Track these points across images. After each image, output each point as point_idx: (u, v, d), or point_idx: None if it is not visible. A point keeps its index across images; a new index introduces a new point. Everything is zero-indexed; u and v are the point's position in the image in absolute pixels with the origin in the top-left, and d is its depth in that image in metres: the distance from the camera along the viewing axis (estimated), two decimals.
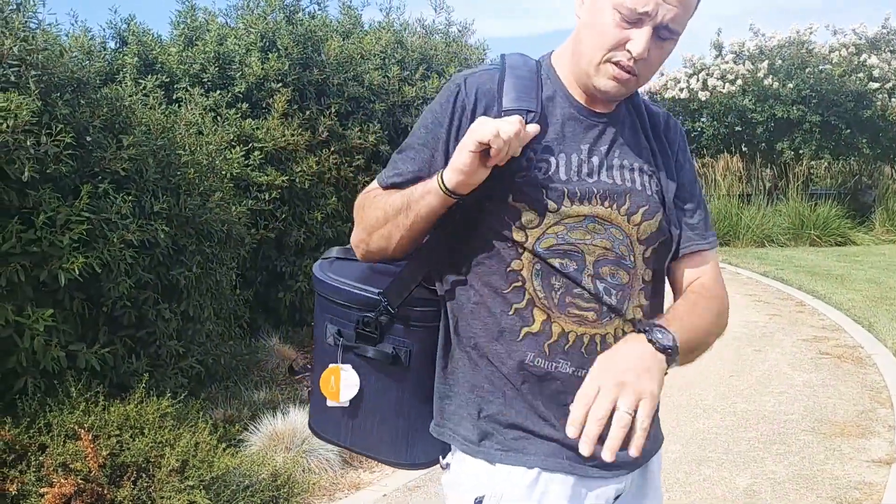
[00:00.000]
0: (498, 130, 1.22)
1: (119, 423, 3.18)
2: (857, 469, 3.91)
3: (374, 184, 1.48)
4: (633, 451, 1.16)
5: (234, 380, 4.56)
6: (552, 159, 1.39)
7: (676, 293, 1.52)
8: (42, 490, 2.82)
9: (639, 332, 1.29)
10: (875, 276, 9.31)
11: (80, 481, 2.88)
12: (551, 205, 1.36)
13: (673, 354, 1.27)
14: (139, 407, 3.32)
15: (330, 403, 1.51)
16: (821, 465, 3.96)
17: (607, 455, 1.15)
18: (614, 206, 1.40)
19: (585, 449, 1.16)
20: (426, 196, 1.34)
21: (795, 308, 7.86)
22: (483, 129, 1.23)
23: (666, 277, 1.53)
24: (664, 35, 1.34)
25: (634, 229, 1.41)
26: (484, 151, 1.25)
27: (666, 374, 1.27)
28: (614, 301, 1.39)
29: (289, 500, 3.50)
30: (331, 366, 1.51)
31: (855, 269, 9.93)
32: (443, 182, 1.31)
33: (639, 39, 1.32)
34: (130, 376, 3.69)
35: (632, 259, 1.41)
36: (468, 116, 1.39)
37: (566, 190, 1.37)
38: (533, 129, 1.31)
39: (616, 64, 1.35)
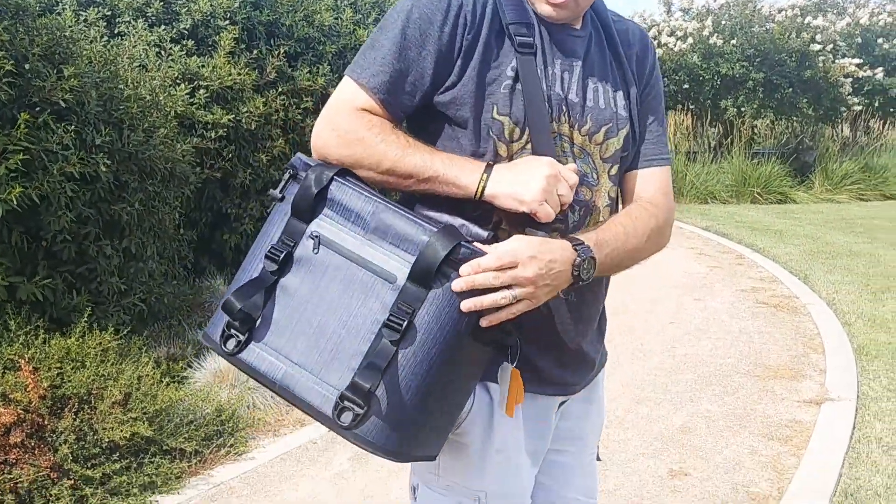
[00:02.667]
0: (570, 198, 1.31)
1: (60, 357, 3.15)
2: (789, 408, 4.06)
3: (355, 91, 1.36)
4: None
5: (178, 319, 4.52)
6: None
7: (626, 202, 1.54)
8: None
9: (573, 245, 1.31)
10: (812, 231, 9.56)
11: (21, 411, 2.85)
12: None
13: (580, 279, 1.31)
14: (81, 341, 3.29)
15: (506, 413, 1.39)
16: (754, 405, 4.10)
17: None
18: (577, 125, 1.41)
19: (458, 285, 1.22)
20: (452, 185, 1.31)
21: (735, 261, 8.04)
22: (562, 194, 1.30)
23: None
24: None
25: (597, 148, 1.43)
26: None
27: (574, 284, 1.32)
28: (577, 217, 1.41)
29: (233, 434, 3.51)
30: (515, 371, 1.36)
31: (794, 225, 10.18)
32: (482, 192, 1.30)
33: None
34: (71, 312, 3.64)
35: (595, 177, 1.43)
36: (466, 18, 1.34)
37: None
38: (575, 178, 1.33)
39: None
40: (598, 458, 1.67)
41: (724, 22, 13.61)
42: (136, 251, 4.08)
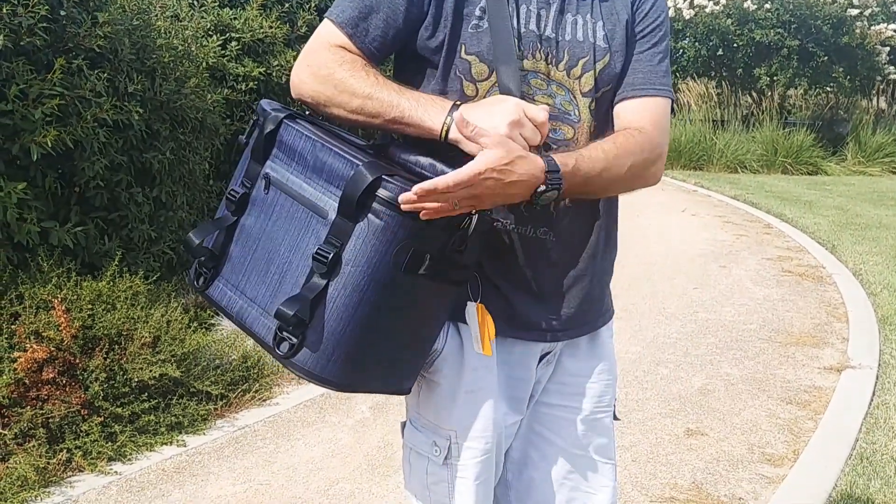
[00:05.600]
0: (540, 138, 1.27)
1: (91, 299, 3.22)
2: (809, 374, 4.07)
3: (329, 28, 1.37)
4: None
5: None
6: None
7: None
8: (15, 355, 2.87)
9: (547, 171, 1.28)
10: (842, 203, 9.45)
11: (53, 349, 2.93)
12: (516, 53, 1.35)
13: (535, 204, 1.29)
14: (112, 284, 3.36)
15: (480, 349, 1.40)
16: (774, 370, 4.11)
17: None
18: (553, 61, 1.39)
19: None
20: (417, 127, 1.30)
21: (763, 230, 7.99)
22: (526, 135, 1.25)
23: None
24: None
25: (576, 83, 1.41)
26: None
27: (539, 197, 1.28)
28: None
29: (258, 380, 3.59)
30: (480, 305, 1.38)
31: (824, 196, 10.07)
32: (447, 134, 1.28)
33: None
34: (102, 257, 3.72)
35: (576, 113, 1.41)
36: None
37: (516, 41, 1.36)
38: (543, 115, 1.28)
39: None
40: (616, 418, 1.64)
41: None
42: (167, 200, 4.15)
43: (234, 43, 4.87)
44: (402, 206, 1.19)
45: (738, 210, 9.11)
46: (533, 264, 1.43)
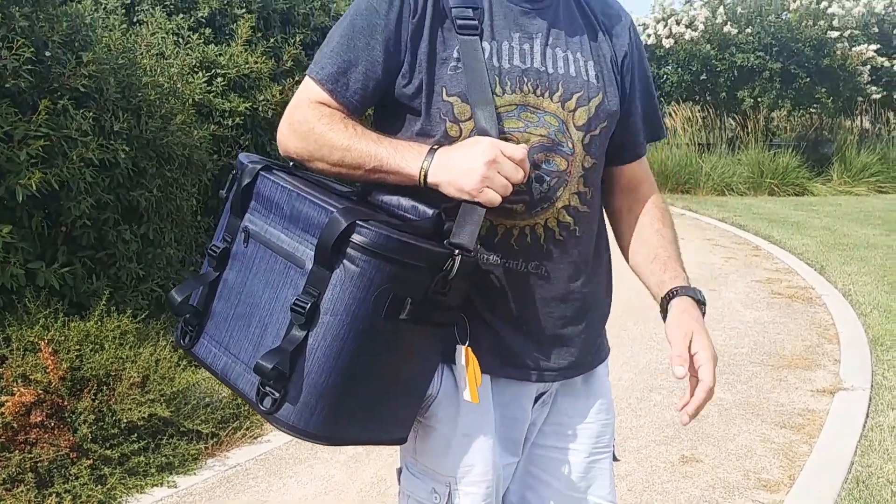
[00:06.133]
0: (522, 175, 1.29)
1: (79, 339, 3.20)
2: (802, 397, 4.06)
3: (309, 86, 1.40)
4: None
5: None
6: (486, 46, 1.38)
7: (615, 193, 1.59)
8: (2, 399, 2.84)
9: (693, 298, 1.44)
10: (830, 223, 9.51)
11: (41, 392, 2.90)
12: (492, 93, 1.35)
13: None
14: (99, 324, 3.34)
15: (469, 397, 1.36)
16: (767, 394, 4.10)
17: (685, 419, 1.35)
18: (546, 93, 1.40)
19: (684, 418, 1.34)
20: (397, 174, 1.31)
21: (751, 252, 8.02)
22: (511, 176, 1.27)
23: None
24: None
25: (570, 115, 1.41)
26: None
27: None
28: (546, 188, 1.39)
29: (249, 417, 3.56)
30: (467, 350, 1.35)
31: (811, 217, 10.13)
32: (425, 179, 1.29)
33: None
34: (90, 297, 3.69)
35: (570, 146, 1.41)
36: (409, 4, 1.36)
37: (497, 79, 1.37)
38: (521, 153, 1.30)
39: None
40: (616, 458, 1.62)
41: (739, 10, 13.51)
42: (154, 237, 4.13)
43: (219, 79, 4.88)
44: None
45: (726, 233, 9.15)
46: (525, 300, 1.42)
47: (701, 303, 1.43)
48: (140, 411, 3.05)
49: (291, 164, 1.44)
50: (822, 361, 4.63)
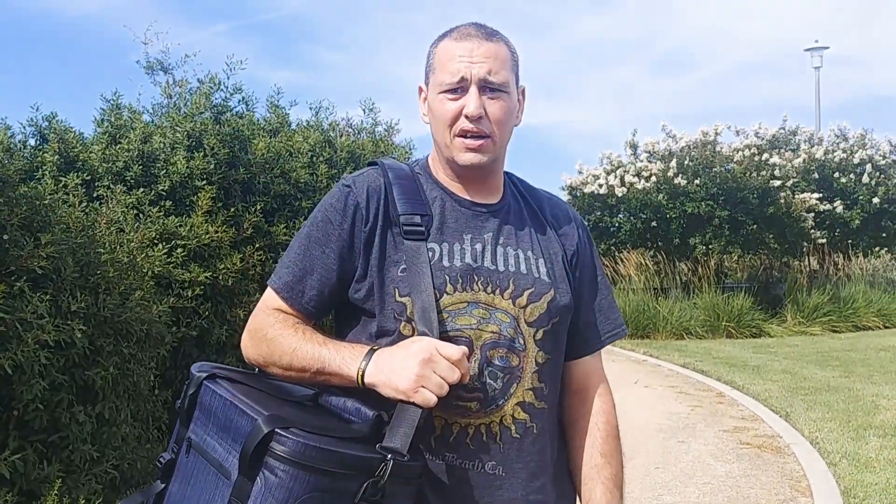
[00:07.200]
0: (458, 375, 1.29)
1: None
2: None
3: (269, 294, 1.47)
4: None
5: (150, 484, 4.37)
6: (436, 247, 1.43)
7: (564, 394, 1.59)
8: None
9: None
10: (789, 366, 9.60)
11: None
12: (434, 294, 1.38)
13: None
14: None
15: None
16: None
17: None
18: (497, 290, 1.43)
19: None
20: (338, 376, 1.34)
21: (716, 399, 8.02)
22: (446, 381, 1.28)
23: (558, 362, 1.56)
24: (493, 88, 1.44)
25: (521, 311, 1.44)
26: None
27: None
28: (499, 385, 1.40)
29: None
30: None
31: (770, 359, 10.22)
32: (363, 380, 1.31)
33: (469, 101, 1.42)
34: (41, 483, 3.51)
35: (521, 342, 1.43)
36: (361, 214, 1.43)
37: (447, 278, 1.40)
38: (457, 353, 1.31)
39: (463, 135, 1.44)
40: None
41: (686, 162, 14.12)
42: (110, 416, 3.99)
43: (179, 249, 4.87)
44: None
45: (688, 379, 9.17)
46: (481, 503, 1.39)
47: None
48: None
49: (256, 370, 1.44)
50: None
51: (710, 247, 13.70)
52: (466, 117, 1.42)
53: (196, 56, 6.94)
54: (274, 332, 1.39)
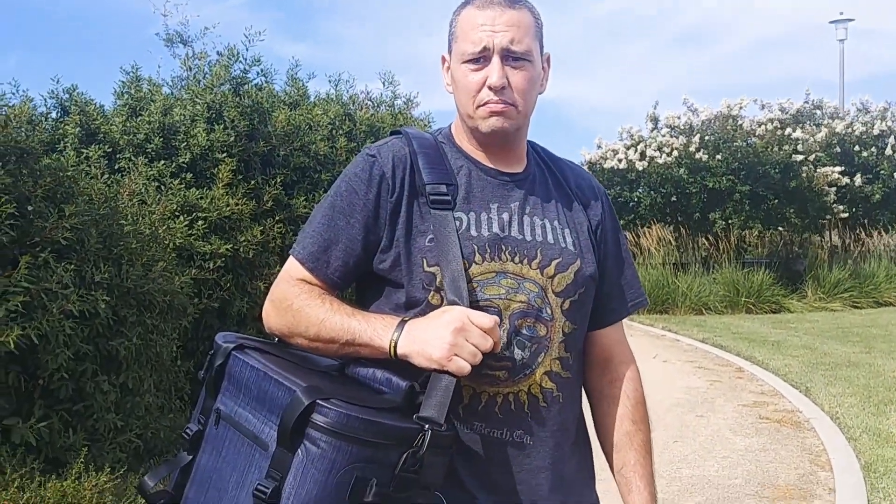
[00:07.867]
0: (491, 343, 1.28)
1: (56, 500, 3.07)
2: None
3: (292, 264, 1.45)
4: None
5: (174, 454, 4.42)
6: (463, 217, 1.42)
7: (588, 366, 1.58)
8: None
9: None
10: (809, 342, 9.55)
11: None
12: (463, 263, 1.38)
13: None
14: (76, 483, 3.21)
15: None
16: None
17: None
18: (525, 260, 1.43)
19: None
20: (369, 347, 1.32)
21: (735, 374, 8.00)
22: (482, 345, 1.27)
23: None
24: (516, 57, 1.43)
25: (549, 282, 1.44)
26: None
27: None
28: (527, 354, 1.40)
29: None
30: None
31: (790, 335, 10.17)
32: (395, 351, 1.30)
33: (492, 72, 1.41)
34: (67, 451, 3.57)
35: (549, 311, 1.43)
36: (388, 184, 1.42)
37: (476, 247, 1.40)
38: (489, 322, 1.30)
39: (486, 104, 1.43)
40: None
41: (707, 137, 13.99)
42: (133, 385, 4.04)
43: (200, 222, 4.90)
44: None
45: (708, 354, 9.15)
46: (512, 472, 1.40)
47: None
48: None
49: (276, 339, 1.44)
50: (818, 491, 4.55)
51: (731, 222, 13.62)
52: (490, 88, 1.41)
53: (215, 28, 6.93)
54: (300, 303, 1.38)
